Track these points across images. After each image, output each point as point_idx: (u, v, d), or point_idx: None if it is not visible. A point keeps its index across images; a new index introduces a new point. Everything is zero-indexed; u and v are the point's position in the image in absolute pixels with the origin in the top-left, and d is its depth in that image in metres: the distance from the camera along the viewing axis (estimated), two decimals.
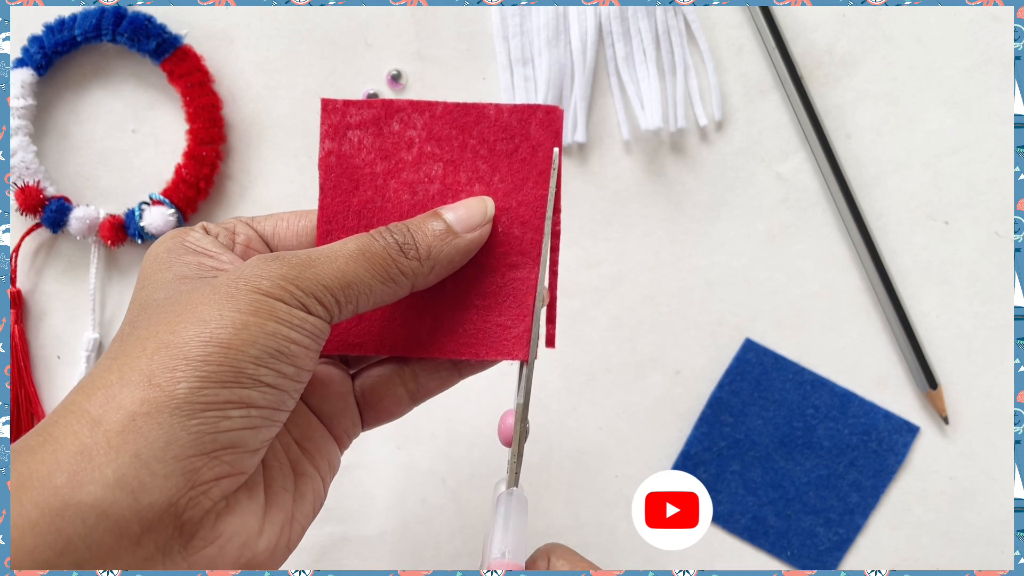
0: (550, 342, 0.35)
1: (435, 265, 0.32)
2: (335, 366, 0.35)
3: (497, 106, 0.34)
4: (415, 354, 0.34)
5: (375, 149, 0.34)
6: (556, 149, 0.34)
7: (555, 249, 0.35)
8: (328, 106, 0.34)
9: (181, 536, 0.27)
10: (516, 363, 0.34)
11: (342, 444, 0.35)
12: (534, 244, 0.34)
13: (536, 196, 0.34)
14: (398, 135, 0.34)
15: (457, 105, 0.34)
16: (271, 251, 0.34)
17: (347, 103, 0.34)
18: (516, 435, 0.33)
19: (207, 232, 0.33)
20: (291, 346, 0.28)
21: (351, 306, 0.30)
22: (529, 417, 0.34)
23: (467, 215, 0.33)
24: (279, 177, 0.53)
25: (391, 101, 0.34)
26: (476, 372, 0.36)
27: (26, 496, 0.25)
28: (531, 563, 0.32)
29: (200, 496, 0.27)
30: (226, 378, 0.27)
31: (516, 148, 0.34)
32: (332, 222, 0.34)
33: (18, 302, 0.53)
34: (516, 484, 0.33)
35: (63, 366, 0.54)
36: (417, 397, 0.36)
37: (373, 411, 0.36)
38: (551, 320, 0.35)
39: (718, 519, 0.53)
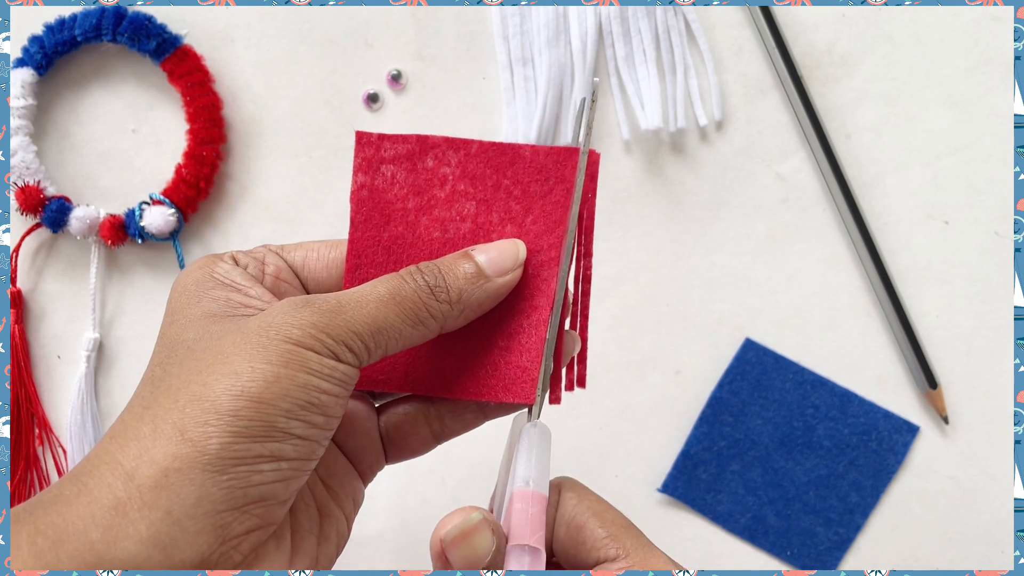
0: (580, 382, 0.35)
1: (465, 308, 0.31)
2: (361, 400, 0.35)
3: (533, 147, 0.33)
4: (438, 393, 0.34)
5: (408, 185, 0.34)
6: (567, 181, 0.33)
7: (586, 294, 0.34)
8: (363, 139, 0.34)
9: None
10: None
11: (366, 479, 0.35)
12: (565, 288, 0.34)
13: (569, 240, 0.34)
14: (432, 171, 0.34)
15: (493, 144, 0.34)
16: (300, 281, 0.34)
17: (382, 137, 0.33)
18: (542, 374, 0.33)
19: (236, 263, 0.33)
20: (322, 396, 0.28)
21: (380, 351, 0.30)
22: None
23: (499, 258, 0.32)
24: (279, 177, 0.53)
25: (426, 137, 0.34)
26: (502, 415, 0.35)
27: (62, 550, 0.25)
28: None
29: (231, 551, 0.27)
30: (257, 432, 0.27)
31: (551, 190, 0.33)
32: (361, 256, 0.34)
33: (18, 302, 0.53)
34: (539, 417, 0.32)
35: (63, 366, 0.54)
36: (441, 437, 0.35)
37: (397, 448, 0.35)
38: (582, 360, 0.35)
39: (718, 519, 0.53)
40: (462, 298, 0.31)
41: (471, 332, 0.33)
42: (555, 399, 0.34)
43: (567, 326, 0.34)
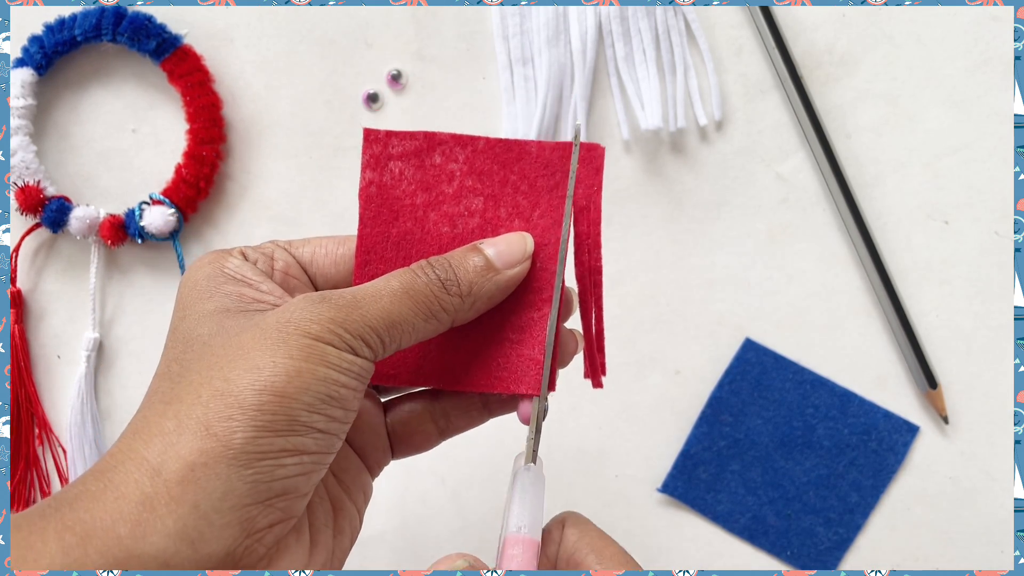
0: (602, 370, 0.36)
1: (476, 301, 0.32)
2: (369, 397, 0.35)
3: (539, 143, 0.34)
4: (448, 386, 0.34)
5: (416, 181, 0.34)
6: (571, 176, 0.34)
7: (598, 285, 0.35)
8: (370, 136, 0.34)
9: None
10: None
11: (373, 473, 0.35)
12: (580, 280, 0.34)
13: (577, 232, 0.34)
14: (439, 168, 0.34)
15: (499, 141, 0.34)
16: (308, 277, 0.34)
17: (389, 134, 0.34)
18: (534, 413, 0.33)
19: (246, 258, 0.33)
20: (341, 390, 0.28)
21: (395, 344, 0.30)
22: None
23: (507, 251, 0.33)
24: (279, 177, 0.53)
25: (433, 134, 0.34)
26: (506, 412, 0.36)
27: (91, 546, 0.25)
28: (546, 531, 0.33)
29: (255, 544, 0.27)
30: (280, 427, 0.27)
31: (557, 184, 0.34)
32: (371, 252, 0.34)
33: (18, 302, 0.53)
34: (534, 460, 0.33)
35: (63, 366, 0.54)
36: (446, 433, 0.36)
37: (403, 444, 0.36)
38: (600, 350, 0.36)
39: (718, 519, 0.53)
40: (472, 291, 0.32)
41: (480, 326, 0.34)
42: (596, 383, 0.35)
43: (576, 321, 0.35)
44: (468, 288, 0.31)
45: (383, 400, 0.36)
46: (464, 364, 0.34)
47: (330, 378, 0.28)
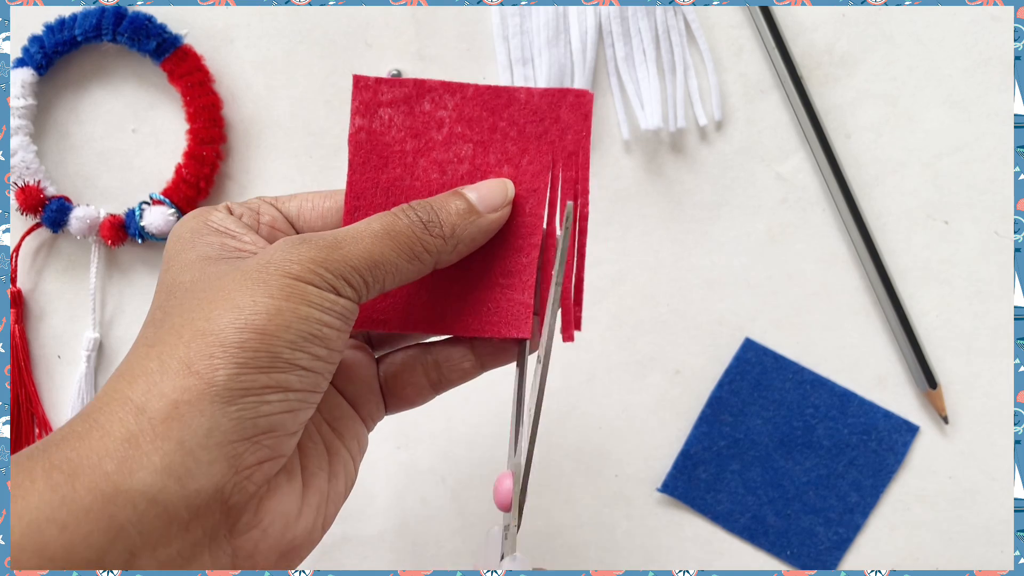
0: (576, 325, 0.35)
1: (458, 243, 0.32)
2: (361, 350, 0.36)
3: (528, 89, 0.34)
4: (439, 331, 0.35)
5: (405, 127, 0.34)
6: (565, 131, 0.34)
7: (583, 232, 0.35)
8: (360, 83, 0.34)
9: (227, 521, 0.27)
10: (513, 376, 0.34)
11: (368, 426, 0.36)
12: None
13: (565, 178, 0.35)
14: (429, 115, 0.34)
15: (488, 88, 0.34)
16: (296, 231, 0.35)
17: (379, 80, 0.34)
18: (515, 498, 0.32)
19: (231, 212, 0.33)
20: (324, 329, 0.29)
21: (378, 285, 0.31)
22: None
23: (489, 195, 0.33)
24: (279, 177, 0.53)
25: (423, 81, 0.34)
26: (499, 365, 0.36)
27: (79, 482, 0.25)
28: None
29: (244, 481, 0.27)
30: (263, 364, 0.27)
31: (546, 130, 0.34)
32: (360, 198, 0.34)
33: (18, 302, 0.53)
34: (514, 551, 0.32)
35: (63, 366, 0.54)
36: (439, 387, 0.36)
37: (396, 397, 0.36)
38: (578, 303, 0.35)
39: (718, 519, 0.53)
40: (455, 232, 0.32)
41: (470, 272, 0.34)
42: (568, 337, 0.35)
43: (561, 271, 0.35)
44: (451, 230, 0.32)
45: (376, 355, 0.36)
46: (456, 310, 0.34)
47: (312, 316, 0.28)
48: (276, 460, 0.29)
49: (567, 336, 0.35)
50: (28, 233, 0.52)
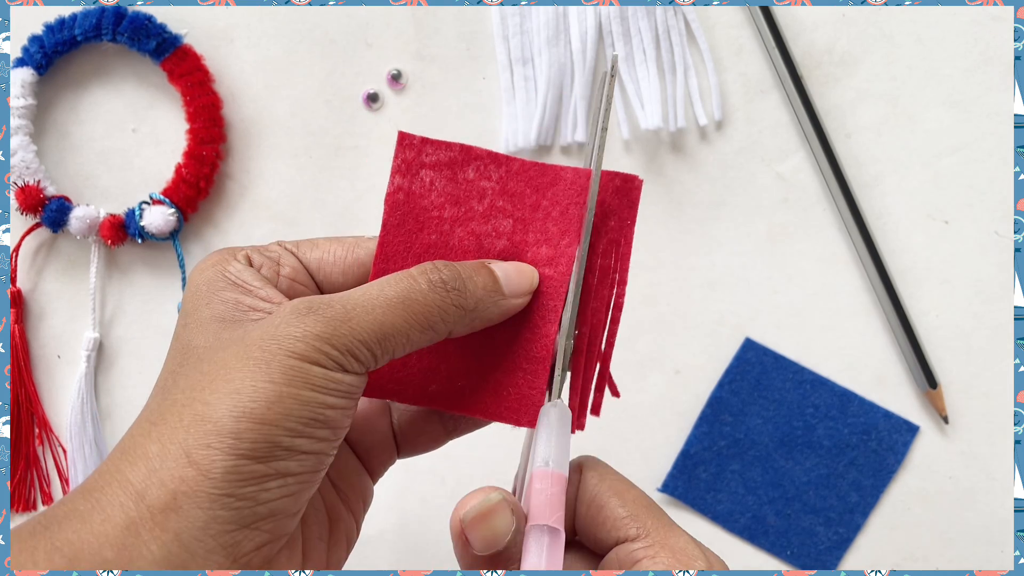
0: (594, 410, 0.34)
1: (475, 319, 0.31)
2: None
3: (575, 169, 0.33)
4: (456, 411, 0.33)
5: (446, 193, 0.33)
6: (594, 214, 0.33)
7: (615, 321, 0.33)
8: (404, 140, 0.33)
9: None
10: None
11: (376, 475, 0.35)
12: (595, 313, 0.33)
13: (602, 266, 0.33)
14: (472, 183, 0.33)
15: (535, 164, 0.33)
16: (316, 284, 0.33)
17: (424, 140, 0.33)
18: (561, 348, 0.32)
19: (250, 262, 0.32)
20: (327, 412, 0.27)
21: (387, 356, 0.29)
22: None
23: (517, 279, 0.32)
24: (279, 177, 0.53)
25: (470, 147, 0.33)
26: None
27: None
28: None
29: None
30: (261, 453, 0.26)
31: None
32: (390, 260, 0.32)
33: (18, 302, 0.53)
34: (560, 396, 0.32)
35: (63, 365, 0.54)
36: (453, 433, 0.35)
37: (409, 444, 0.35)
38: (599, 389, 0.34)
39: (718, 518, 0.53)
40: (478, 307, 0.31)
41: (496, 351, 0.33)
42: (580, 426, 0.34)
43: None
44: (475, 304, 0.30)
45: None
46: (473, 387, 0.33)
47: (315, 400, 0.27)
48: (276, 542, 0.28)
49: (579, 424, 0.33)
50: (28, 233, 0.52)
